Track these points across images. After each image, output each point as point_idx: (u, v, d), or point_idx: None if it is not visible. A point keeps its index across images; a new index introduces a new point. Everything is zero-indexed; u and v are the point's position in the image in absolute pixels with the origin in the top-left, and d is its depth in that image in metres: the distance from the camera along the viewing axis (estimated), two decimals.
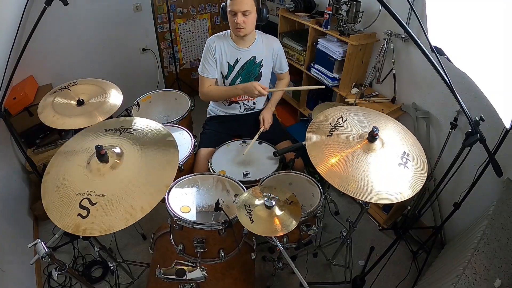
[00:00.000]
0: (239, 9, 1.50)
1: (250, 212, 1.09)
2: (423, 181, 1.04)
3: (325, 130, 1.12)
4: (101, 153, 0.96)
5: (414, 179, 1.03)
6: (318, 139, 1.10)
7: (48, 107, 1.40)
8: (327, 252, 1.88)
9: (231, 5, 1.51)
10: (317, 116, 1.19)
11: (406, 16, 1.73)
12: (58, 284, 1.72)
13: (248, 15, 1.53)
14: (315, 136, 1.11)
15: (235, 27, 1.56)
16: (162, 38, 2.97)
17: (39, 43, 2.20)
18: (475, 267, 1.15)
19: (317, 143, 1.08)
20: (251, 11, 1.53)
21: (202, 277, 1.04)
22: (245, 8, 1.50)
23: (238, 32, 1.58)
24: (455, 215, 1.55)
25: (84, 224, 0.86)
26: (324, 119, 1.17)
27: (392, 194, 0.98)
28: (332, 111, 1.20)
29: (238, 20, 1.51)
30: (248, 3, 1.50)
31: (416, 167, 1.07)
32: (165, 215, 1.23)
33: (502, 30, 1.06)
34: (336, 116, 1.17)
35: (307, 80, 2.43)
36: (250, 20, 1.56)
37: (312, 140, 1.10)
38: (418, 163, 1.08)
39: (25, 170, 2.13)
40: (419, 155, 1.11)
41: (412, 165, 1.07)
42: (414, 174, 1.05)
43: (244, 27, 1.55)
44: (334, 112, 1.20)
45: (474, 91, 1.48)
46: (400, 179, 1.02)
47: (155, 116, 1.92)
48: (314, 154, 1.05)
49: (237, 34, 1.61)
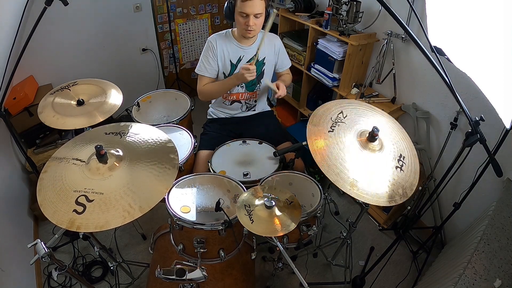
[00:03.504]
0: (252, 12, 1.49)
1: (250, 212, 1.09)
2: (413, 188, 1.05)
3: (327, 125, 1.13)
4: (101, 153, 0.96)
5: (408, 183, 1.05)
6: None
7: (48, 107, 1.40)
8: (327, 252, 1.88)
9: (244, 7, 1.48)
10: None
11: (406, 16, 1.73)
12: (58, 284, 1.72)
13: (259, 17, 1.53)
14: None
15: (246, 29, 1.55)
16: (162, 38, 2.97)
17: (39, 43, 2.20)
18: (475, 267, 1.15)
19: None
20: (262, 14, 1.53)
21: (202, 277, 1.04)
22: (258, 11, 1.50)
23: (248, 34, 1.57)
24: (455, 215, 1.55)
25: (79, 220, 0.87)
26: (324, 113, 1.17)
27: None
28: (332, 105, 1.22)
29: (250, 22, 1.51)
30: (261, 6, 1.50)
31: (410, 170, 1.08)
32: (165, 215, 1.23)
33: (502, 30, 1.06)
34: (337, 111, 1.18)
35: (307, 80, 2.43)
36: (260, 22, 1.56)
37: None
38: (411, 167, 1.10)
39: (25, 170, 2.14)
40: (412, 159, 1.13)
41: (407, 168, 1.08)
42: (408, 177, 1.05)
43: (255, 29, 1.56)
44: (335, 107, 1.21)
45: (474, 91, 1.49)
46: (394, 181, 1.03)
47: (155, 116, 1.92)
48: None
49: (246, 36, 1.60)
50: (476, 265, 1.16)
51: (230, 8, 1.57)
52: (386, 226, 2.12)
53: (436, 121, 1.84)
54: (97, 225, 0.86)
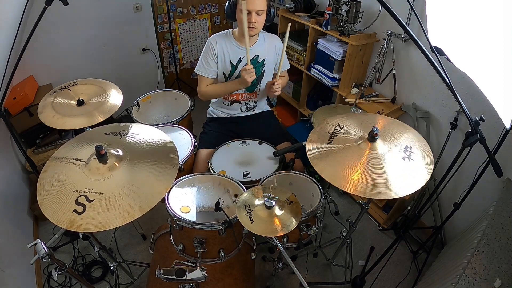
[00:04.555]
0: (254, 9, 1.49)
1: (250, 212, 1.09)
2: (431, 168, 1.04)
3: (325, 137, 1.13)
4: (101, 153, 0.96)
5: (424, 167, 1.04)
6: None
7: (48, 107, 1.40)
8: (327, 252, 1.88)
9: (246, 4, 1.47)
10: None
11: (406, 16, 1.73)
12: (58, 284, 1.72)
13: (261, 14, 1.53)
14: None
15: (248, 27, 1.53)
16: (162, 38, 2.97)
17: (39, 43, 2.21)
18: (475, 267, 1.15)
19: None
20: (264, 11, 1.53)
21: (202, 277, 1.04)
22: (260, 8, 1.50)
23: (250, 32, 1.56)
24: (455, 215, 1.55)
25: (79, 220, 0.86)
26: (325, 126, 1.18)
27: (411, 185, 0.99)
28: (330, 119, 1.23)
29: (253, 19, 1.50)
30: (263, 3, 1.50)
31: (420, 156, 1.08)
32: (165, 215, 1.23)
33: (502, 30, 1.06)
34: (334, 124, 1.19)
35: (307, 80, 2.43)
36: (262, 20, 1.56)
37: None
38: (421, 153, 1.09)
39: (25, 170, 2.14)
40: (421, 146, 1.12)
41: (417, 156, 1.07)
42: (422, 163, 1.05)
43: (257, 27, 1.55)
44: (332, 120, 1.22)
45: (474, 91, 1.49)
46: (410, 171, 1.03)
47: (155, 116, 1.92)
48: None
49: (248, 34, 1.60)
50: (476, 265, 1.16)
51: (232, 6, 1.57)
52: (386, 226, 2.12)
53: (436, 121, 1.84)
54: (97, 225, 0.86)
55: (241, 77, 1.57)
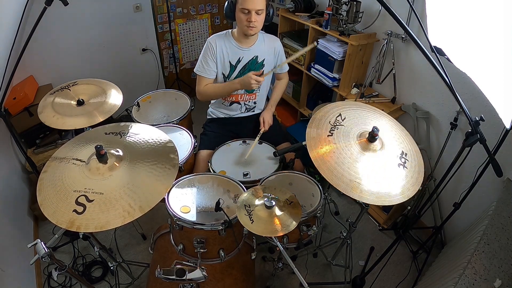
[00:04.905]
0: (254, 8, 1.48)
1: (250, 212, 1.09)
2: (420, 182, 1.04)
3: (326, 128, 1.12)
4: (101, 153, 0.96)
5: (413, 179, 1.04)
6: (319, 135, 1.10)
7: (48, 107, 1.40)
8: (327, 252, 1.88)
9: (245, 3, 1.48)
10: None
11: (406, 16, 1.73)
12: (58, 284, 1.72)
13: (260, 14, 1.52)
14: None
15: (247, 26, 1.54)
16: (162, 38, 2.97)
17: (39, 43, 2.21)
18: (475, 267, 1.15)
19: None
20: (263, 10, 1.53)
21: (202, 277, 1.04)
22: (260, 7, 1.49)
23: (249, 31, 1.56)
24: (455, 215, 1.55)
25: (79, 220, 0.87)
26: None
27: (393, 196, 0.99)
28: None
29: (252, 18, 1.50)
30: (262, 2, 1.49)
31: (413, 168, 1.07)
32: (165, 215, 1.23)
33: (502, 30, 1.06)
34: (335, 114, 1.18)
35: (307, 80, 2.43)
36: (261, 19, 1.56)
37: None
38: (415, 163, 1.09)
39: (25, 170, 2.14)
40: (415, 155, 1.12)
41: (411, 165, 1.07)
42: (412, 174, 1.05)
43: (256, 26, 1.55)
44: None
45: (474, 91, 1.48)
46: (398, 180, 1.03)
47: (155, 116, 1.92)
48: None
49: (247, 33, 1.59)
50: (476, 265, 1.16)
51: (231, 6, 1.57)
52: (386, 226, 2.12)
53: (436, 121, 1.84)
54: (97, 225, 0.86)
55: (246, 79, 1.56)
